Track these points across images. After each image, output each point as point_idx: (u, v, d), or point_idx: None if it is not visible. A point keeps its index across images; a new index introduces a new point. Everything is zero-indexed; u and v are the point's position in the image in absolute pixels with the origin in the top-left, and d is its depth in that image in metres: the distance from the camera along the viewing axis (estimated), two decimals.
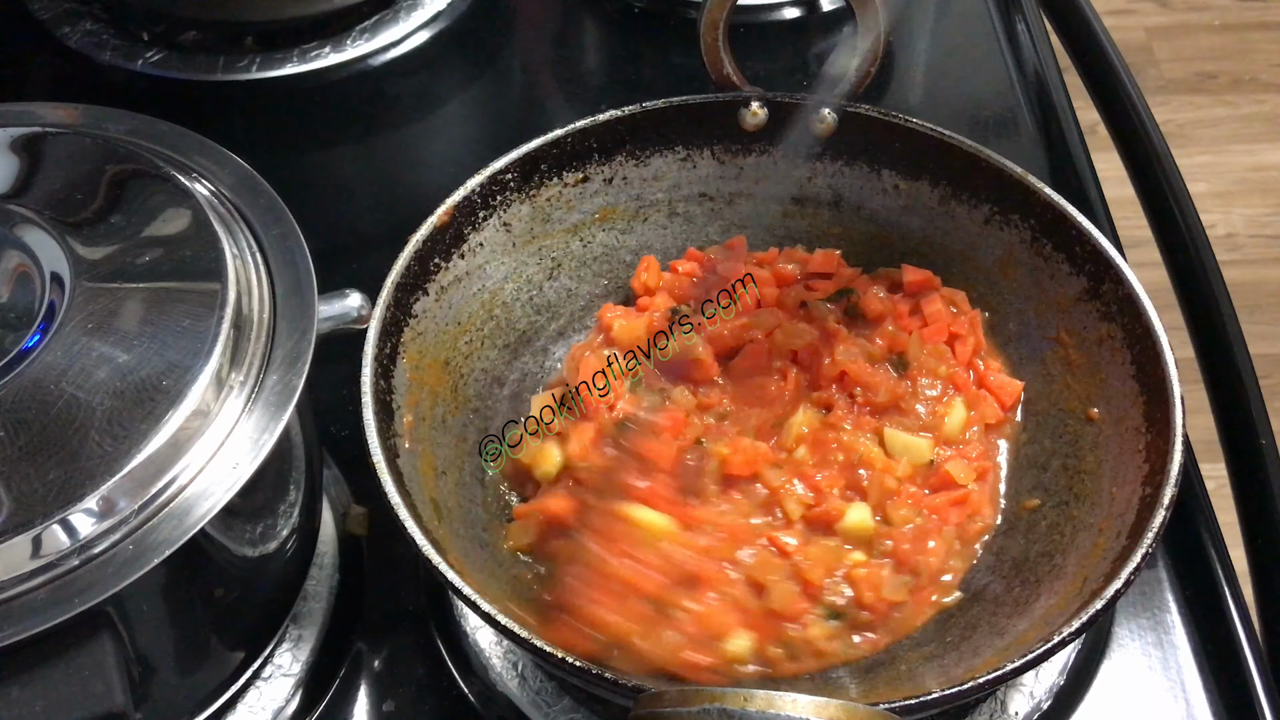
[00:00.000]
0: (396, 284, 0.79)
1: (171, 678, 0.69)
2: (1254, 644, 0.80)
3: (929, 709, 0.63)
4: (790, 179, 0.91)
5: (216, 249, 0.69)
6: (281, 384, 0.66)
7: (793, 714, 0.55)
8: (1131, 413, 0.77)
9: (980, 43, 1.21)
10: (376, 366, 0.75)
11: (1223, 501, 0.87)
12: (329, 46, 1.17)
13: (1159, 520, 0.69)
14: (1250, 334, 0.91)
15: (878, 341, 0.84)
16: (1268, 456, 0.85)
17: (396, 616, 0.82)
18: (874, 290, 0.86)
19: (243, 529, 0.69)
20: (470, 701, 0.78)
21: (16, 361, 0.63)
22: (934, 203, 0.88)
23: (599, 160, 0.89)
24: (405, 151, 1.14)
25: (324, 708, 0.78)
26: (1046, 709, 0.77)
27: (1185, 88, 2.59)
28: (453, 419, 0.82)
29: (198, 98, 1.14)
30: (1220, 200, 2.40)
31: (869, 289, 0.86)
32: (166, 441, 0.61)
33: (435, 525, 0.73)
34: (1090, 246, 0.81)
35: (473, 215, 0.85)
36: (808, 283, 0.89)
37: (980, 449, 0.82)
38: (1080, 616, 0.66)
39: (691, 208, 0.92)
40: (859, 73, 0.87)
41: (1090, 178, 1.06)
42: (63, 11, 1.20)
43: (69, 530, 0.59)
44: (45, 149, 0.74)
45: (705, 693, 0.56)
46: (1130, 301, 0.78)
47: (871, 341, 0.84)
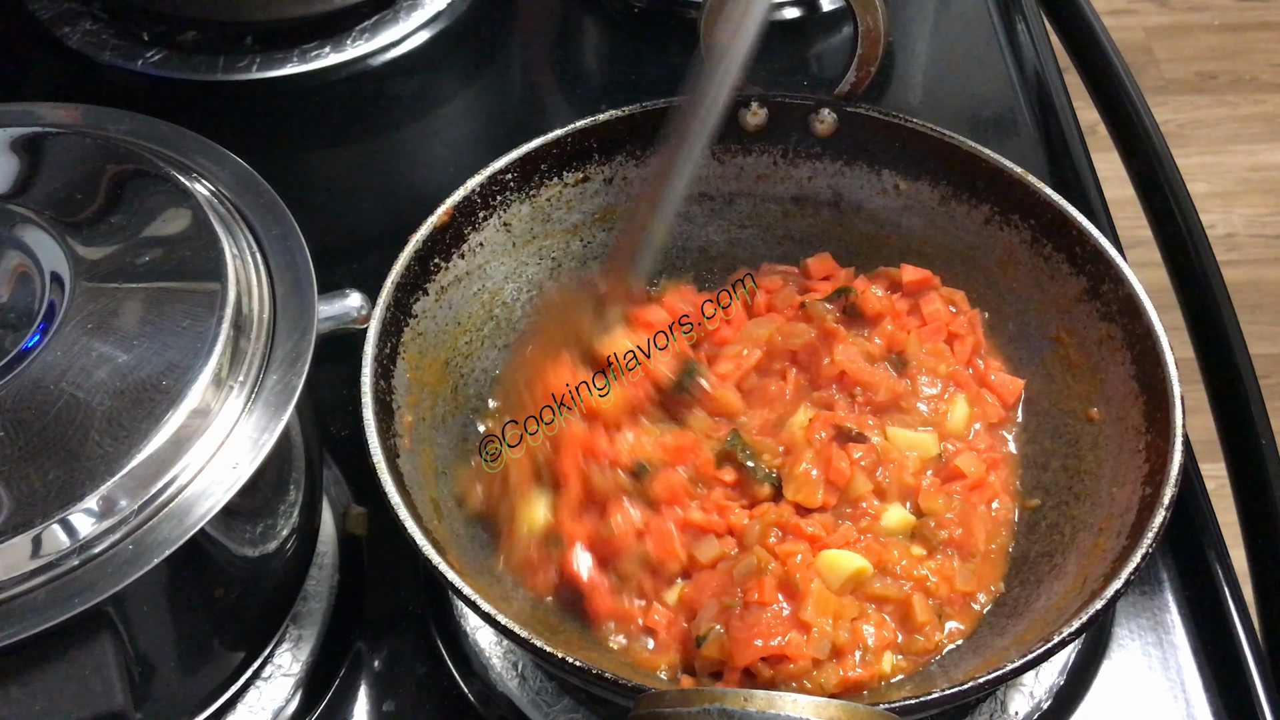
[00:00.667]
0: (396, 284, 0.79)
1: (171, 678, 0.69)
2: (1254, 644, 0.80)
3: (929, 709, 0.63)
4: (790, 179, 0.91)
5: (216, 249, 0.69)
6: (281, 384, 0.66)
7: (793, 714, 0.55)
8: (1131, 413, 0.77)
9: (980, 43, 1.21)
10: (376, 366, 0.75)
11: (1223, 501, 0.87)
12: (329, 46, 1.17)
13: (1159, 520, 0.69)
14: (1250, 334, 0.91)
15: (876, 341, 0.84)
16: (1268, 456, 0.85)
17: (396, 616, 0.82)
18: (872, 289, 0.86)
19: (243, 529, 0.69)
20: (470, 701, 0.78)
21: (16, 361, 0.63)
22: (934, 203, 0.88)
23: (599, 160, 0.89)
24: (405, 151, 1.14)
25: (324, 708, 0.78)
26: (1046, 709, 0.77)
27: (1185, 88, 2.59)
28: (453, 419, 0.82)
29: (198, 98, 1.14)
30: (1220, 200, 2.40)
31: (867, 288, 0.86)
32: (166, 441, 0.61)
33: (435, 525, 0.73)
34: (1090, 247, 0.81)
35: (473, 215, 0.85)
36: (806, 283, 0.89)
37: (988, 442, 0.82)
38: (1080, 616, 0.66)
39: (691, 207, 0.92)
40: (859, 73, 0.87)
41: (1090, 178, 1.06)
42: (63, 11, 1.20)
43: (69, 530, 0.59)
44: (45, 149, 0.74)
45: (706, 693, 0.56)
46: (1130, 302, 0.78)
47: (870, 341, 0.84)
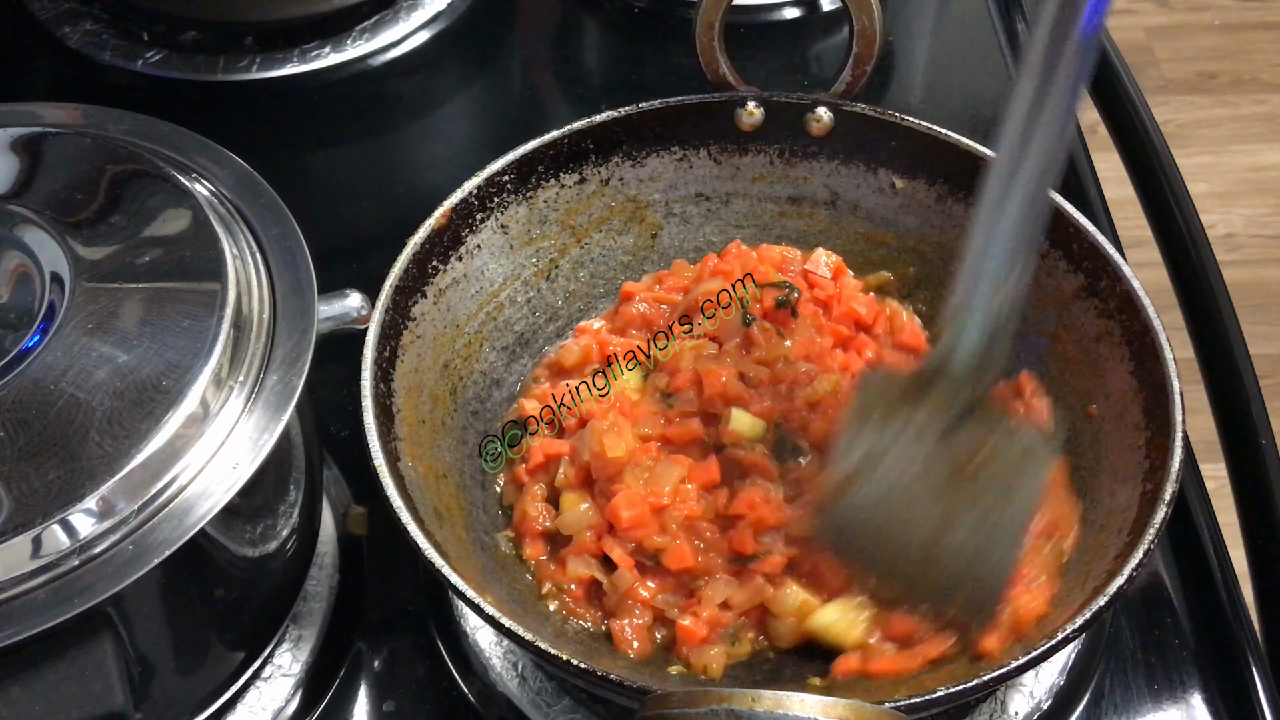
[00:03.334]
0: (395, 287, 0.79)
1: (171, 678, 0.69)
2: (1254, 644, 0.80)
3: (932, 707, 0.63)
4: (787, 178, 0.91)
5: (216, 249, 0.69)
6: (281, 384, 0.66)
7: (800, 714, 0.55)
8: (1131, 409, 0.76)
9: (980, 43, 1.21)
10: (376, 370, 0.75)
11: (1223, 501, 0.87)
12: (329, 46, 1.17)
13: (1160, 517, 0.69)
14: (1250, 334, 0.91)
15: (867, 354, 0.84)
16: (1268, 456, 0.85)
17: (396, 616, 0.82)
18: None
19: (243, 529, 0.69)
20: (470, 701, 0.78)
21: (16, 361, 0.63)
22: (930, 201, 0.88)
23: (595, 161, 0.89)
24: (405, 151, 1.14)
25: (324, 708, 0.78)
26: (1046, 709, 0.77)
27: (1185, 88, 2.59)
28: (452, 421, 0.82)
29: (198, 98, 1.14)
30: (1220, 200, 2.40)
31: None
32: (166, 442, 0.61)
33: (436, 529, 0.73)
34: (1087, 244, 0.81)
35: (470, 217, 0.85)
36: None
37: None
38: (1082, 614, 0.66)
39: (688, 208, 0.92)
40: (854, 72, 0.87)
41: (1090, 178, 1.06)
42: (63, 11, 1.20)
43: (69, 530, 0.59)
44: (45, 149, 0.74)
45: (713, 693, 0.56)
46: (1128, 298, 0.78)
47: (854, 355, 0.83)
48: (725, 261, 0.86)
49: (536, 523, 0.78)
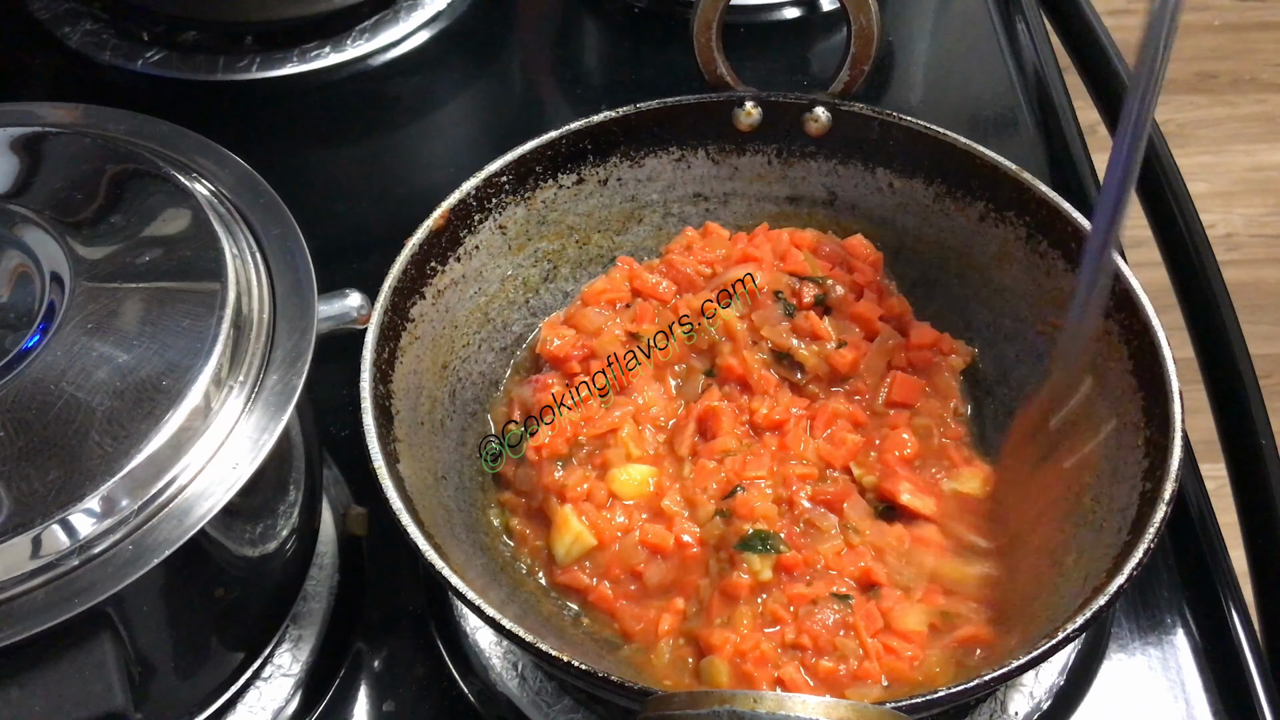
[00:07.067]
0: (393, 289, 0.79)
1: (171, 678, 0.69)
2: (1254, 644, 0.80)
3: (933, 707, 0.63)
4: (785, 178, 0.91)
5: (216, 249, 0.69)
6: (281, 384, 0.66)
7: (803, 714, 0.55)
8: (1130, 408, 0.76)
9: (980, 43, 1.21)
10: (375, 372, 0.75)
11: (1223, 501, 0.87)
12: (329, 46, 1.17)
13: (1160, 515, 0.69)
14: (1250, 334, 0.91)
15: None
16: (1268, 456, 0.85)
17: (396, 616, 0.82)
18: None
19: (243, 529, 0.69)
20: (470, 701, 0.78)
21: (16, 361, 0.63)
22: (929, 200, 0.88)
23: (594, 161, 0.89)
24: (405, 151, 1.14)
25: (324, 708, 0.78)
26: (1046, 709, 0.77)
27: (1185, 87, 2.59)
28: (451, 423, 0.82)
29: (198, 98, 1.14)
30: (1220, 200, 2.40)
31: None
32: (166, 441, 0.61)
33: (436, 530, 0.73)
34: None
35: (468, 218, 0.85)
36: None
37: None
38: (1082, 614, 0.66)
39: (686, 208, 0.92)
40: (852, 71, 0.87)
41: (1090, 178, 1.06)
42: (63, 11, 1.21)
43: (69, 530, 0.59)
44: (45, 149, 0.75)
45: (715, 695, 0.56)
46: (1127, 297, 0.78)
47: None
48: (754, 245, 0.86)
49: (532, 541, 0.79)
